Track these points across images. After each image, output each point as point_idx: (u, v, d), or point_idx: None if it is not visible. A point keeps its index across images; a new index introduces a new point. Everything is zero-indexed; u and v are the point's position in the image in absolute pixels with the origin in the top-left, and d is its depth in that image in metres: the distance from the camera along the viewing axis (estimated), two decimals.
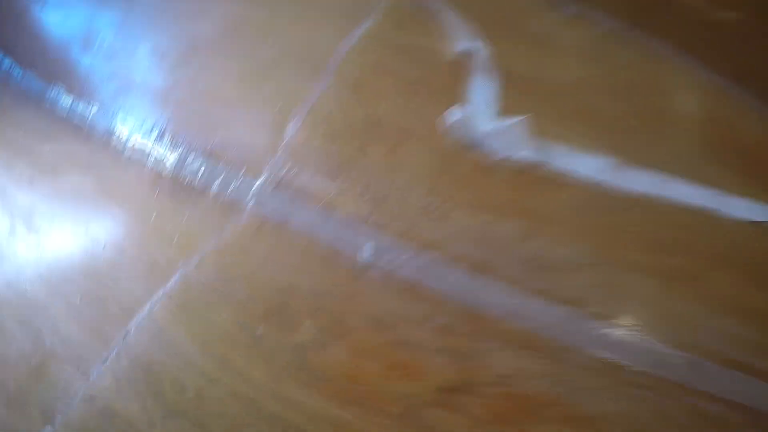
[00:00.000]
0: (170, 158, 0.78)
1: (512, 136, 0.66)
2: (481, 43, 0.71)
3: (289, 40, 0.78)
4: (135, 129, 0.83)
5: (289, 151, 0.72)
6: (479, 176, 0.66)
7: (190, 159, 0.76)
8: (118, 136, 0.84)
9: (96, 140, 0.86)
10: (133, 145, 0.82)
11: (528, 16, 0.74)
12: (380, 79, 0.74)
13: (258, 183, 0.71)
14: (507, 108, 0.68)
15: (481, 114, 0.67)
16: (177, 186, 0.77)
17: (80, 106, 0.90)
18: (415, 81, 0.73)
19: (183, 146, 0.78)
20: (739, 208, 0.62)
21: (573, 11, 0.75)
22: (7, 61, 1.02)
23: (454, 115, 0.69)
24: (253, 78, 0.79)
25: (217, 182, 0.74)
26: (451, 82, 0.70)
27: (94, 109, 0.88)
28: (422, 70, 0.72)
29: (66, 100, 0.92)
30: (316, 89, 0.73)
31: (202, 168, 0.75)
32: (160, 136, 0.80)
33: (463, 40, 0.71)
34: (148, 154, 0.80)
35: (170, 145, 0.79)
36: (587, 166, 0.66)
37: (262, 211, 0.71)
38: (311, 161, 0.71)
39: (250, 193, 0.72)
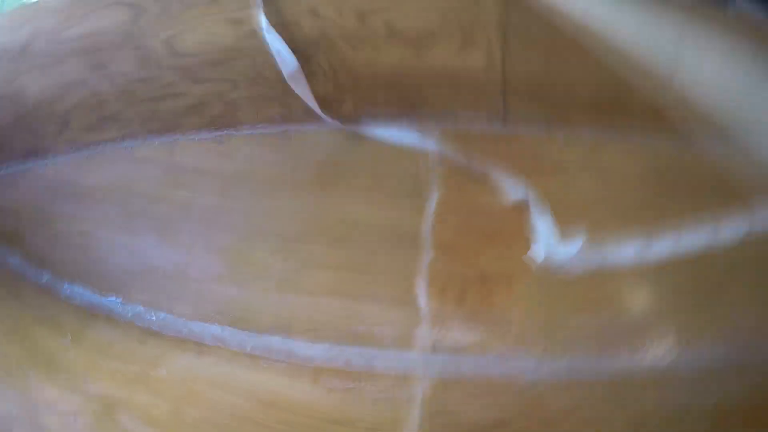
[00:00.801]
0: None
1: (577, 254, 0.79)
2: (525, 188, 0.87)
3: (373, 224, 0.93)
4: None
5: (430, 318, 0.81)
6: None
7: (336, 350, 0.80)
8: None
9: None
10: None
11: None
12: (467, 238, 0.88)
13: (415, 353, 0.78)
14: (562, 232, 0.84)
15: (550, 245, 0.82)
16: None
17: None
18: (493, 233, 0.84)
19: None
20: None
21: None
22: None
23: (537, 252, 0.83)
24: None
25: (375, 364, 0.78)
26: (518, 227, 0.83)
27: None
28: (496, 222, 0.87)
29: None
30: (424, 259, 0.87)
31: (355, 355, 0.78)
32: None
33: (512, 189, 0.87)
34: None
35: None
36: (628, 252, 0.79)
37: (433, 374, 0.77)
38: (451, 320, 0.79)
39: (414, 364, 0.77)
